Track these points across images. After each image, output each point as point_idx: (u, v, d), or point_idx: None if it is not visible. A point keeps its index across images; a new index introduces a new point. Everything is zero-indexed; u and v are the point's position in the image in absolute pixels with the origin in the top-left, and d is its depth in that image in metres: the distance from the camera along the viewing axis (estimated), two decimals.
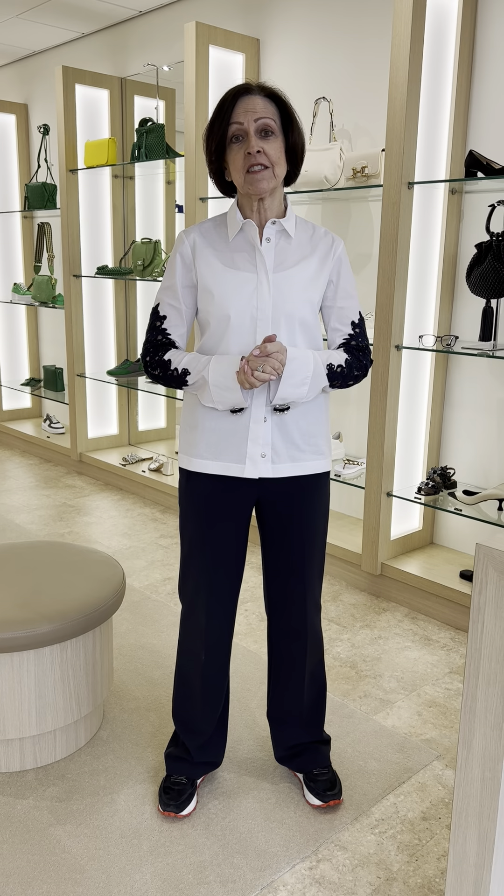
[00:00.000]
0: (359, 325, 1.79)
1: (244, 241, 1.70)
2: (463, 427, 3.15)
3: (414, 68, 2.69)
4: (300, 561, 1.83)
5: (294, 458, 1.75)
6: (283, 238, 1.70)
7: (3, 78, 5.53)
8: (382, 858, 1.78)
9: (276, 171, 1.62)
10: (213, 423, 1.73)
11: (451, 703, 2.41)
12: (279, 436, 1.72)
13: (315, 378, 1.68)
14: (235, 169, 1.63)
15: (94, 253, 4.66)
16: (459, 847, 1.27)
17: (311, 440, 1.76)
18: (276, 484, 1.77)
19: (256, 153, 1.58)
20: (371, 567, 3.13)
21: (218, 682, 1.91)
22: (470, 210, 2.99)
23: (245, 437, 1.71)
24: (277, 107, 1.63)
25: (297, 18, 3.48)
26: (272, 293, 1.66)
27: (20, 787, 1.99)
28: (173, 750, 1.96)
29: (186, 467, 1.78)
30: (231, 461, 1.73)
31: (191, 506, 1.79)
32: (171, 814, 1.87)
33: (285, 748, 2.00)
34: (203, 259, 1.70)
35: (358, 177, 3.13)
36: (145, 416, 5.00)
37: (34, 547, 2.37)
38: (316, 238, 1.73)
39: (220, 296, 1.67)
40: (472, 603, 1.16)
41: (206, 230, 1.74)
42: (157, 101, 4.41)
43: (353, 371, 1.76)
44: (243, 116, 1.59)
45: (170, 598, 3.11)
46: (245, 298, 1.66)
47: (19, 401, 5.79)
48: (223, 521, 1.78)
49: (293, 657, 1.92)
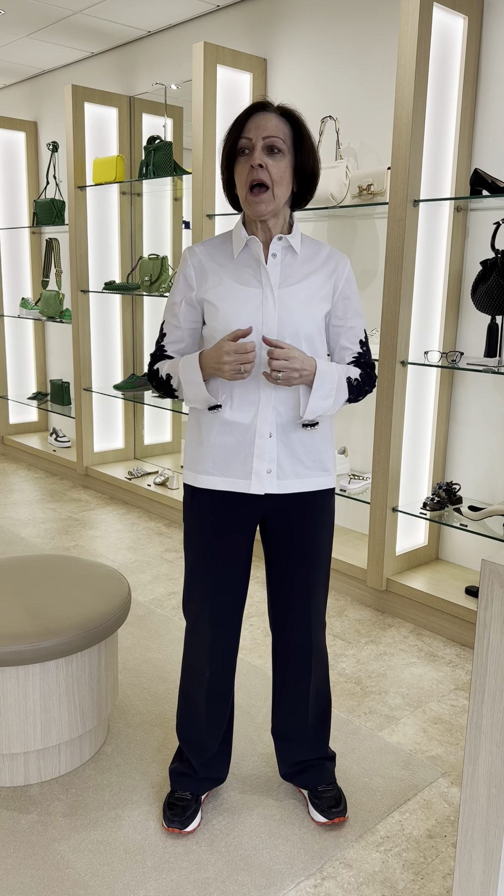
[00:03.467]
0: (366, 342, 1.81)
1: (249, 258, 1.71)
2: (468, 443, 3.16)
3: (419, 87, 2.72)
4: (305, 577, 1.83)
5: (299, 474, 1.75)
6: (289, 254, 1.72)
7: (13, 96, 5.60)
8: (387, 877, 1.77)
9: (276, 192, 1.62)
10: (218, 439, 1.73)
11: (457, 720, 2.40)
12: (285, 452, 1.73)
13: (339, 390, 1.70)
14: (240, 183, 1.65)
15: (101, 268, 4.70)
16: (465, 865, 1.27)
17: (316, 457, 1.77)
18: (281, 500, 1.77)
19: (258, 167, 1.60)
20: (376, 582, 3.12)
21: (222, 698, 1.91)
22: (475, 227, 3.01)
23: (251, 454, 1.71)
24: (291, 127, 1.64)
25: (304, 39, 3.52)
26: (277, 308, 1.67)
27: (24, 802, 1.98)
28: (177, 766, 1.95)
29: (192, 483, 1.78)
30: (237, 477, 1.73)
31: (195, 522, 1.79)
32: (176, 830, 1.86)
33: (290, 765, 1.99)
34: (208, 276, 1.72)
35: (364, 194, 3.15)
36: (151, 430, 5.02)
37: (40, 560, 2.38)
38: (322, 255, 1.75)
39: (224, 311, 1.68)
40: (478, 619, 1.16)
41: (210, 247, 1.75)
42: (165, 119, 4.46)
43: (365, 386, 1.79)
44: (253, 132, 1.61)
45: (175, 612, 3.11)
46: (250, 313, 1.67)
47: (26, 414, 5.82)
48: (228, 536, 1.78)
49: (297, 673, 1.92)
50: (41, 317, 5.13)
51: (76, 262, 4.58)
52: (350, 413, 3.61)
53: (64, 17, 4.10)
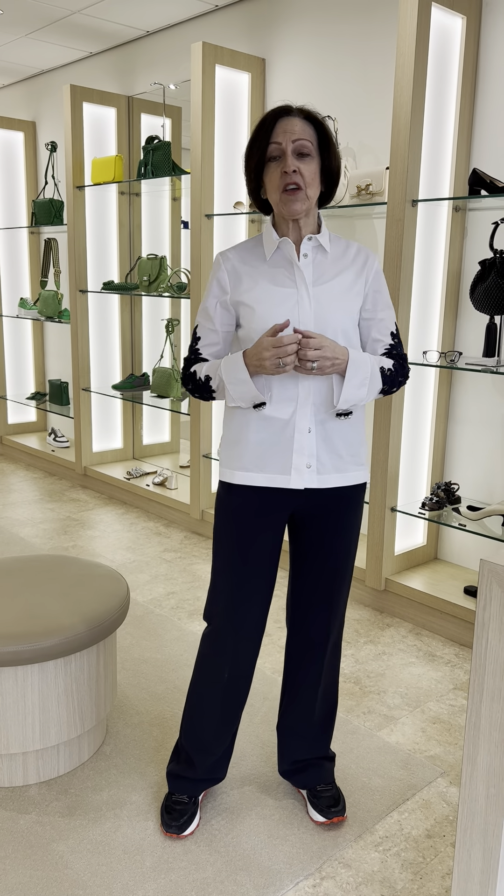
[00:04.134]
0: (397, 335, 1.82)
1: (282, 259, 1.74)
2: (467, 442, 3.16)
3: (418, 87, 2.72)
4: (332, 573, 1.84)
5: (338, 468, 1.76)
6: (320, 253, 1.74)
7: (11, 96, 5.60)
8: (386, 876, 1.77)
9: (309, 193, 1.66)
10: (257, 436, 1.74)
11: (456, 720, 2.40)
12: (324, 447, 1.74)
13: (372, 379, 1.71)
14: (272, 188, 1.68)
15: (100, 268, 4.70)
16: (464, 865, 1.27)
17: (353, 450, 1.78)
18: (317, 495, 1.78)
19: (292, 172, 1.63)
20: (375, 582, 3.13)
21: (238, 702, 1.90)
22: (473, 227, 3.01)
23: (290, 449, 1.73)
24: (315, 129, 1.67)
25: (303, 39, 3.52)
26: (313, 306, 1.70)
27: (23, 802, 1.98)
28: (174, 767, 1.94)
29: (229, 480, 1.78)
30: (276, 472, 1.74)
31: (229, 519, 1.79)
32: (173, 835, 1.86)
33: (290, 762, 2.00)
34: (242, 279, 1.74)
35: (362, 194, 3.15)
36: (150, 430, 5.02)
37: (38, 560, 2.38)
38: (351, 252, 1.77)
39: (261, 312, 1.70)
40: (476, 619, 1.16)
41: (242, 251, 1.78)
42: (164, 119, 4.46)
43: (398, 377, 1.80)
44: (282, 137, 1.64)
45: (173, 612, 3.11)
46: (286, 313, 1.69)
47: (24, 414, 5.82)
48: (261, 534, 1.79)
49: (311, 671, 1.92)
50: (40, 317, 5.13)
51: (75, 262, 4.58)
52: None
53: (62, 17, 4.10)
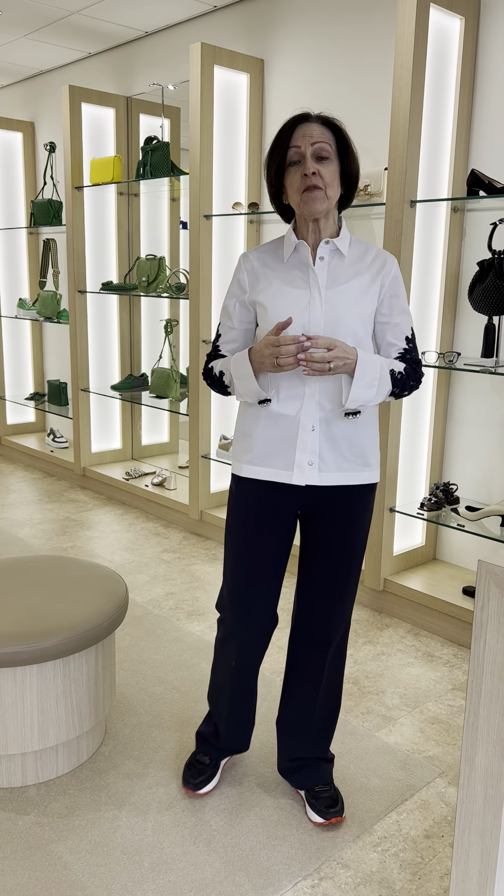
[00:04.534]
0: (412, 339, 1.84)
1: (298, 261, 1.78)
2: (465, 443, 3.16)
3: (416, 88, 2.72)
4: (337, 570, 1.86)
5: (341, 467, 1.79)
6: (337, 257, 1.77)
7: (10, 96, 5.60)
8: (385, 877, 1.77)
9: (329, 193, 1.70)
10: (264, 432, 1.80)
11: (454, 720, 2.40)
12: (327, 445, 1.78)
13: (381, 381, 1.73)
14: (293, 190, 1.72)
15: (98, 269, 4.70)
16: (462, 865, 1.27)
17: (358, 451, 1.80)
18: (322, 492, 1.82)
19: (312, 174, 1.67)
20: (374, 583, 3.13)
21: (247, 685, 2.00)
22: (472, 228, 3.02)
23: (294, 446, 1.77)
24: (334, 134, 1.72)
25: (301, 39, 3.53)
26: (324, 309, 1.73)
27: (22, 803, 1.98)
28: (203, 729, 2.08)
29: (238, 473, 1.86)
30: (280, 468, 1.79)
31: (239, 510, 1.86)
32: (189, 791, 1.99)
33: (288, 759, 2.00)
34: (259, 279, 1.80)
35: (361, 195, 3.16)
36: (148, 430, 5.01)
37: (37, 561, 2.38)
38: (369, 256, 1.80)
39: (273, 311, 1.75)
40: (475, 619, 1.16)
41: (263, 252, 1.84)
42: (163, 119, 4.46)
43: (410, 381, 1.81)
44: (301, 141, 1.68)
45: (172, 613, 3.11)
46: (298, 314, 1.73)
47: (23, 415, 5.82)
48: (268, 527, 1.84)
49: (308, 668, 1.94)
50: (38, 317, 5.13)
51: (73, 262, 4.58)
52: None
53: (61, 18, 4.10)
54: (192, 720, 2.35)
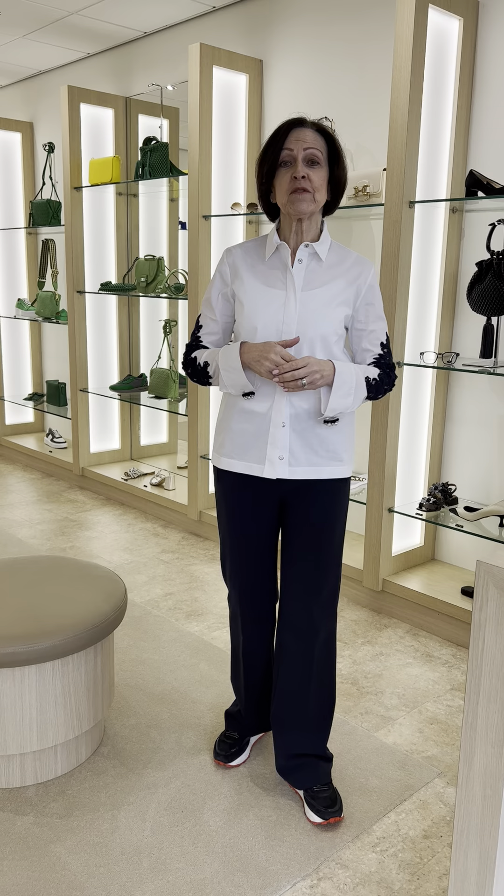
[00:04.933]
0: (387, 345, 1.92)
1: (278, 261, 1.85)
2: (464, 443, 3.16)
3: (415, 89, 2.73)
4: (315, 559, 1.90)
5: (311, 462, 1.87)
6: (315, 260, 1.84)
7: (9, 97, 5.60)
8: (384, 877, 1.77)
9: (317, 197, 1.77)
10: (239, 426, 1.89)
11: (453, 720, 2.41)
12: (298, 441, 1.85)
13: (357, 389, 1.82)
14: (281, 190, 1.79)
15: (97, 269, 4.70)
16: (460, 865, 1.27)
17: (330, 447, 1.87)
18: (296, 485, 1.89)
19: (301, 178, 1.74)
20: (372, 583, 3.13)
21: (256, 662, 2.10)
22: (470, 229, 3.02)
23: (266, 441, 1.85)
24: (326, 142, 1.78)
25: (300, 40, 3.53)
26: (298, 310, 1.80)
27: (20, 803, 1.98)
28: (231, 708, 2.20)
29: (216, 465, 1.96)
30: (252, 462, 1.88)
31: (221, 499, 1.98)
32: (221, 763, 2.12)
33: (286, 756, 2.00)
34: (241, 275, 1.87)
35: (360, 195, 3.16)
36: (147, 430, 5.01)
37: (36, 562, 2.38)
38: (347, 262, 1.87)
39: (249, 309, 1.83)
40: (473, 620, 1.16)
41: (246, 249, 1.91)
42: (161, 120, 4.46)
43: (384, 386, 1.90)
44: (294, 144, 1.75)
45: (171, 613, 3.11)
46: (272, 313, 1.81)
47: (22, 415, 5.81)
48: (249, 515, 1.94)
49: (298, 657, 1.95)
50: (37, 318, 5.13)
51: (72, 262, 4.58)
52: None
53: (60, 18, 4.10)
54: (191, 721, 2.35)
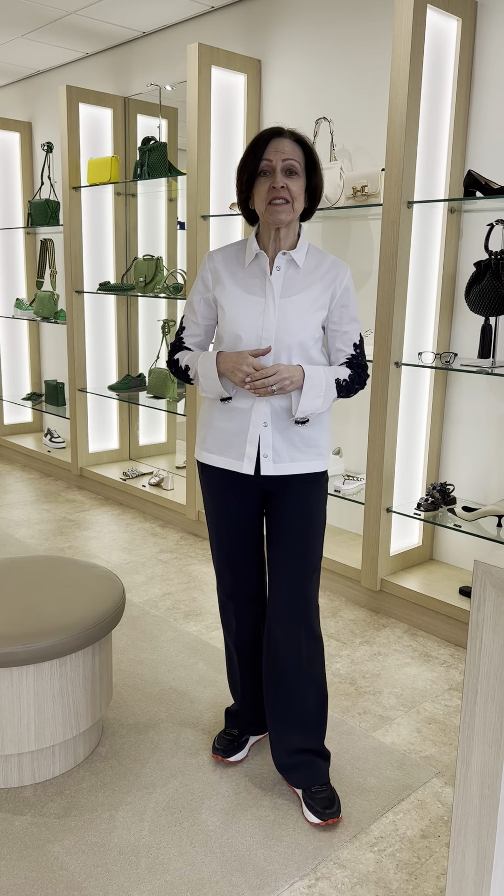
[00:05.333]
0: (359, 345, 1.97)
1: (258, 268, 1.90)
2: (462, 443, 3.16)
3: (413, 89, 2.73)
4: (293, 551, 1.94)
5: (294, 458, 1.92)
6: (292, 267, 1.90)
7: (7, 96, 5.59)
8: (381, 877, 1.77)
9: (295, 206, 1.83)
10: (220, 424, 1.94)
11: (451, 720, 2.41)
12: (280, 438, 1.90)
13: (327, 391, 1.88)
14: (260, 199, 1.84)
15: (96, 269, 4.70)
16: (458, 865, 1.27)
17: (311, 442, 1.93)
18: (278, 478, 1.94)
19: (280, 188, 1.79)
20: (371, 583, 3.13)
21: (249, 653, 2.12)
22: (469, 229, 3.02)
23: (245, 439, 1.91)
24: (303, 151, 1.83)
25: (299, 40, 3.53)
26: (277, 316, 1.86)
27: (18, 803, 1.98)
28: (231, 706, 2.23)
29: (199, 458, 2.02)
30: (233, 458, 1.93)
31: (206, 490, 2.04)
32: (219, 757, 2.14)
33: (286, 752, 2.00)
34: (222, 281, 1.93)
35: (358, 196, 3.16)
36: (146, 430, 5.01)
37: (34, 561, 2.37)
38: (323, 267, 1.92)
39: (231, 315, 1.89)
40: (471, 620, 1.16)
41: (227, 254, 1.96)
42: (160, 119, 4.46)
43: (355, 385, 1.96)
44: (273, 155, 1.80)
45: (169, 613, 3.11)
46: (252, 319, 1.86)
47: (20, 415, 5.81)
48: (233, 508, 1.99)
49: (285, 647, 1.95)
50: (36, 317, 5.12)
51: (71, 262, 4.58)
52: (345, 414, 3.61)
53: (58, 18, 4.10)
54: (189, 720, 2.35)
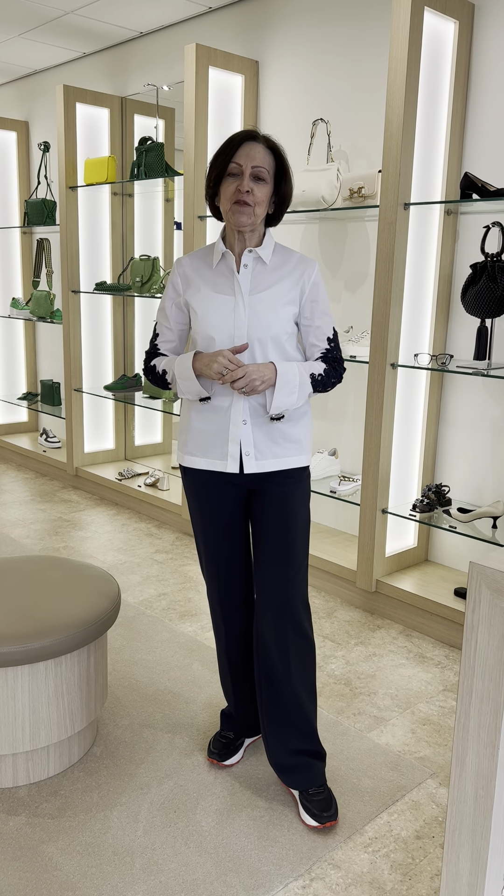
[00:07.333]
0: (333, 339, 2.00)
1: (225, 268, 1.93)
2: (458, 445, 3.17)
3: (410, 91, 2.73)
4: (280, 548, 1.94)
5: (276, 454, 1.94)
6: (259, 264, 1.92)
7: (4, 96, 5.59)
8: (376, 877, 1.78)
9: (257, 211, 1.85)
10: (200, 426, 1.96)
11: (446, 721, 2.41)
12: (261, 436, 1.92)
13: (301, 386, 1.89)
14: (225, 198, 1.87)
15: (92, 269, 4.69)
16: (452, 866, 1.27)
17: (291, 438, 1.96)
18: (261, 476, 1.95)
19: (246, 192, 1.82)
20: (366, 584, 3.13)
21: (240, 655, 2.12)
22: (465, 231, 3.03)
23: (226, 438, 1.92)
24: (274, 158, 1.86)
25: (296, 41, 3.53)
26: (247, 314, 1.88)
27: (12, 804, 1.98)
28: (226, 709, 2.22)
29: (181, 463, 2.03)
30: (215, 458, 1.95)
31: (190, 495, 2.05)
32: (214, 761, 2.14)
33: (282, 752, 1.97)
34: (191, 284, 1.95)
35: (355, 197, 3.16)
36: (142, 430, 5.01)
37: (29, 561, 2.37)
38: (291, 263, 1.94)
39: (202, 315, 1.91)
40: (466, 621, 1.17)
41: (195, 258, 1.98)
42: (157, 120, 4.46)
43: (331, 379, 1.98)
44: (244, 160, 1.82)
45: (164, 613, 3.11)
46: (223, 318, 1.88)
47: (16, 415, 5.80)
48: (216, 507, 2.00)
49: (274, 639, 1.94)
50: (32, 317, 5.12)
51: (67, 262, 4.57)
52: (340, 415, 3.62)
53: (56, 18, 4.10)
54: (184, 721, 2.35)
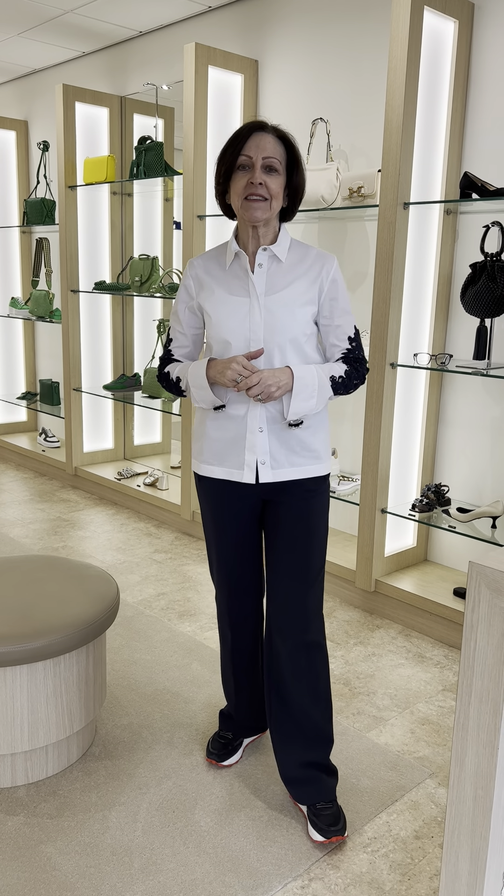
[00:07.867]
0: (355, 338, 1.91)
1: (239, 268, 1.85)
2: (457, 445, 3.17)
3: (410, 90, 2.73)
4: (297, 559, 1.88)
5: (293, 462, 1.87)
6: (275, 263, 1.84)
7: (3, 95, 5.58)
8: (375, 878, 1.77)
9: (273, 204, 1.78)
10: (216, 434, 1.89)
11: (445, 721, 2.41)
12: (277, 444, 1.86)
13: (321, 390, 1.82)
14: (236, 194, 1.79)
15: (91, 268, 4.69)
16: (451, 866, 1.27)
17: (309, 446, 1.89)
18: (278, 485, 1.89)
19: (258, 185, 1.75)
20: (365, 584, 3.13)
21: (245, 661, 2.10)
22: (464, 230, 3.03)
23: (243, 447, 1.86)
24: (285, 148, 1.79)
25: (296, 40, 3.53)
26: (263, 315, 1.80)
27: (11, 804, 1.97)
28: (225, 708, 2.20)
29: (196, 471, 1.98)
30: (232, 467, 1.89)
31: (204, 503, 2.00)
32: (213, 761, 2.12)
33: (293, 765, 1.94)
34: (204, 287, 1.88)
35: (354, 197, 3.16)
36: (141, 430, 5.01)
37: (28, 561, 2.37)
38: (308, 260, 1.85)
39: (217, 319, 1.84)
40: (465, 621, 1.17)
41: (207, 259, 1.91)
42: (157, 119, 4.46)
43: (353, 380, 1.90)
44: (254, 151, 1.75)
45: (163, 613, 3.11)
46: (239, 321, 1.81)
47: (15, 414, 5.80)
48: (231, 517, 1.95)
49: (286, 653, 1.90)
50: (31, 316, 5.11)
51: (66, 261, 4.57)
52: (340, 415, 3.62)
53: (55, 17, 4.09)
54: (182, 721, 2.35)
